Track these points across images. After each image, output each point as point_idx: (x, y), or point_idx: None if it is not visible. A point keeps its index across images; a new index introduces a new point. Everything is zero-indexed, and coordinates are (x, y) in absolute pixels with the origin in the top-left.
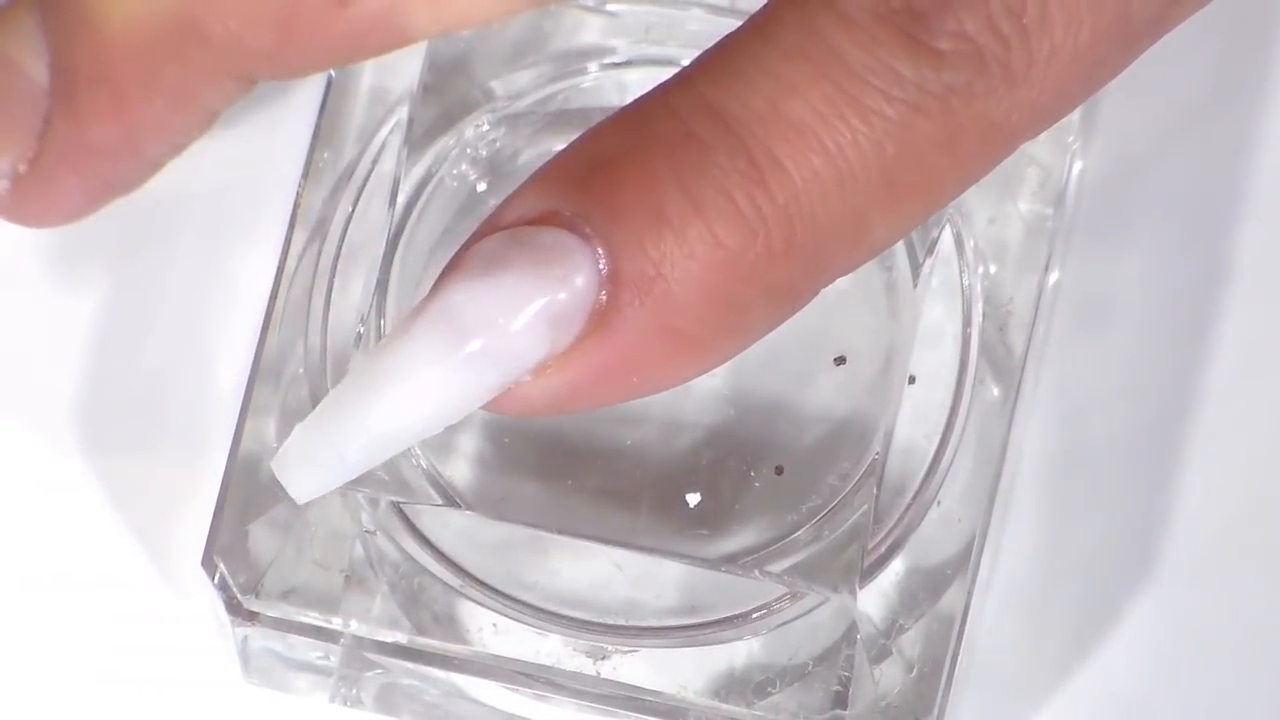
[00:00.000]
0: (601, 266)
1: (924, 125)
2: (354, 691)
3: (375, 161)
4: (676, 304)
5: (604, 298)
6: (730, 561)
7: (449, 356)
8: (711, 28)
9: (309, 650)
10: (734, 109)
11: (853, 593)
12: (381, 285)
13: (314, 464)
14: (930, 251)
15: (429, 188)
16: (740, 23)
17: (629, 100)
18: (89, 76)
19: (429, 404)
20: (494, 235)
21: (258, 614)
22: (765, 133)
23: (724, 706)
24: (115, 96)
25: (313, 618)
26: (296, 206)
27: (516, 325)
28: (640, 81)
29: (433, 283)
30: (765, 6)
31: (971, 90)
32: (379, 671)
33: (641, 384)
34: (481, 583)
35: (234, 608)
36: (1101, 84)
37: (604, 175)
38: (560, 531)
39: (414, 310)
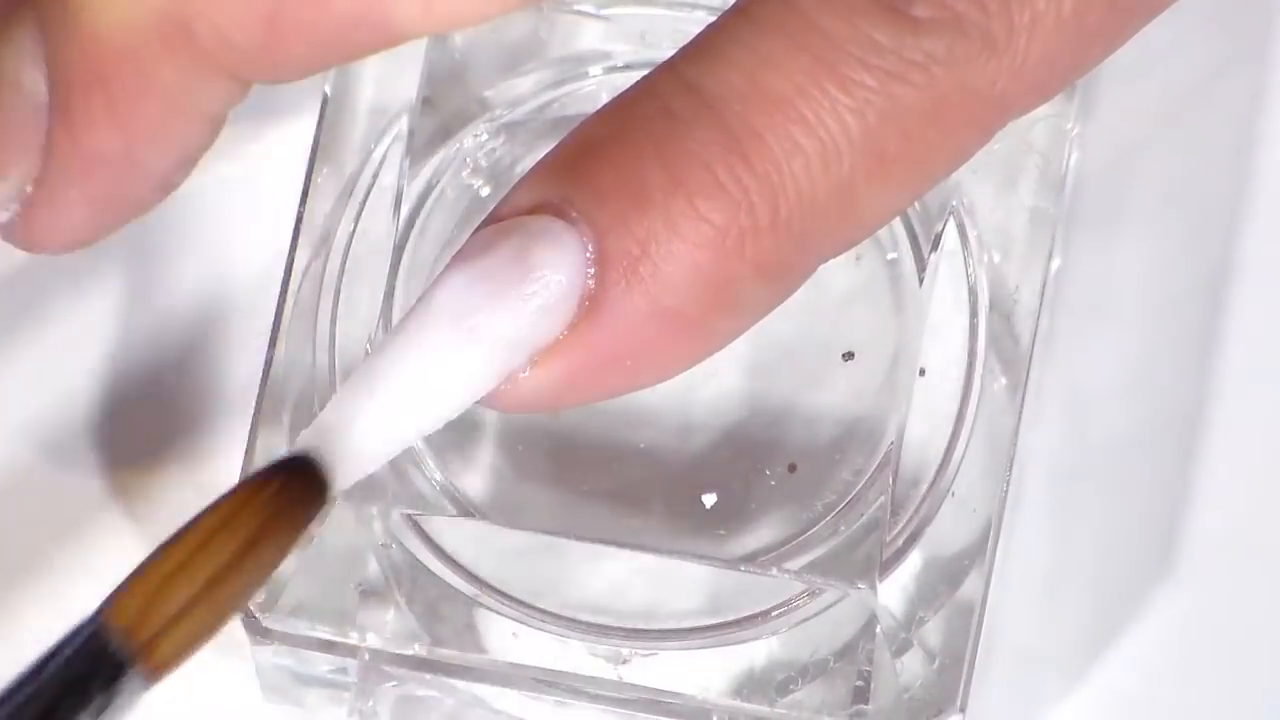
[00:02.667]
0: (588, 249)
1: (906, 93)
2: (371, 705)
3: (376, 175)
4: (664, 282)
5: (592, 281)
6: (748, 560)
7: (442, 347)
8: None
9: (326, 665)
10: (712, 86)
11: (872, 587)
12: (388, 297)
13: None
14: (935, 246)
15: (431, 199)
16: None
17: None
18: (82, 81)
19: (427, 397)
20: (487, 228)
21: (275, 631)
22: (743, 106)
23: (747, 706)
24: (109, 100)
25: (329, 633)
26: (299, 222)
27: (505, 310)
28: None
29: None
30: None
31: (952, 57)
32: (394, 684)
33: (638, 370)
34: (499, 591)
35: (252, 626)
36: (1095, 58)
37: (588, 160)
38: (577, 537)
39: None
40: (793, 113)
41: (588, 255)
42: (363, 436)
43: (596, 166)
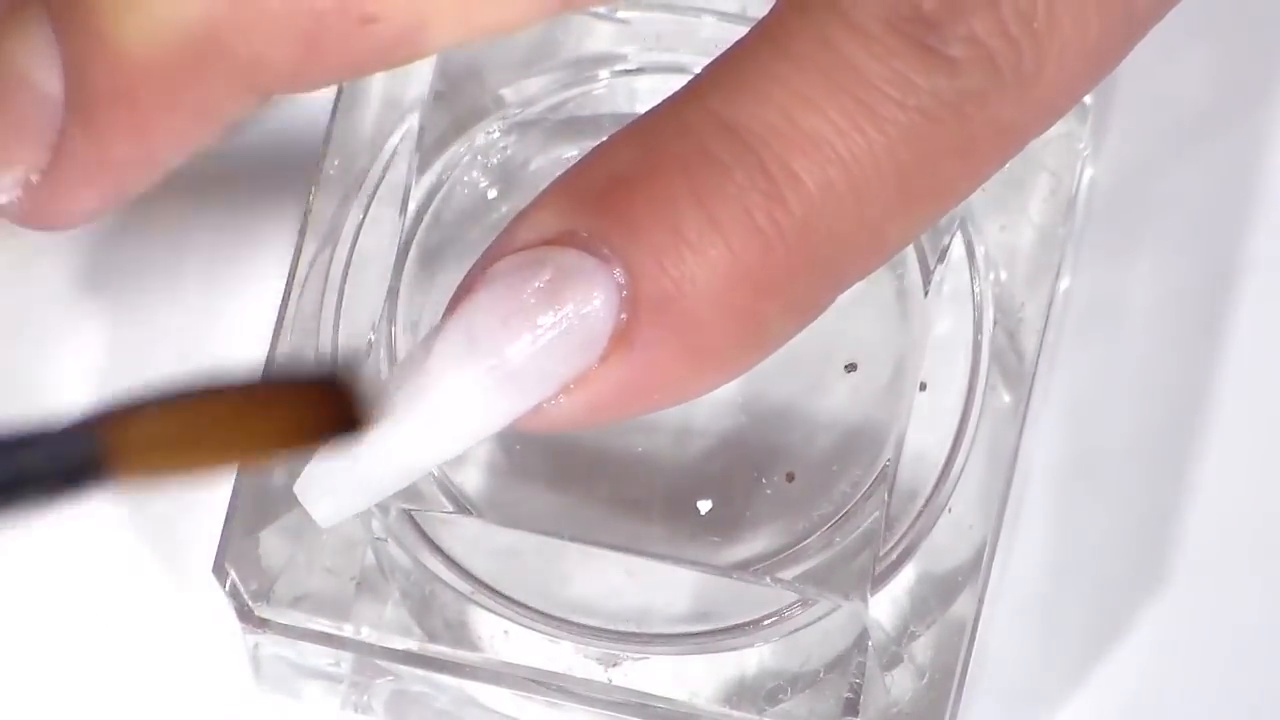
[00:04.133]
0: (621, 288)
1: (939, 133)
2: (365, 698)
3: (386, 169)
4: (697, 322)
5: (624, 318)
6: (741, 568)
7: (472, 382)
8: (723, 34)
9: (320, 657)
10: (749, 123)
11: (864, 600)
12: (392, 293)
13: (337, 491)
14: (941, 259)
15: (440, 195)
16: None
17: (640, 108)
18: (109, 97)
19: (452, 429)
20: (513, 256)
21: (269, 621)
22: (782, 147)
23: (735, 714)
24: (136, 115)
25: (323, 625)
26: (307, 214)
27: (539, 351)
28: (652, 89)
29: (449, 295)
30: (772, 14)
31: (985, 97)
32: (389, 679)
33: (662, 399)
34: (492, 590)
35: (245, 615)
36: (1106, 75)
37: (620, 194)
38: (571, 538)
39: (433, 332)
40: (830, 153)
41: (621, 294)
42: (377, 459)
43: (630, 202)
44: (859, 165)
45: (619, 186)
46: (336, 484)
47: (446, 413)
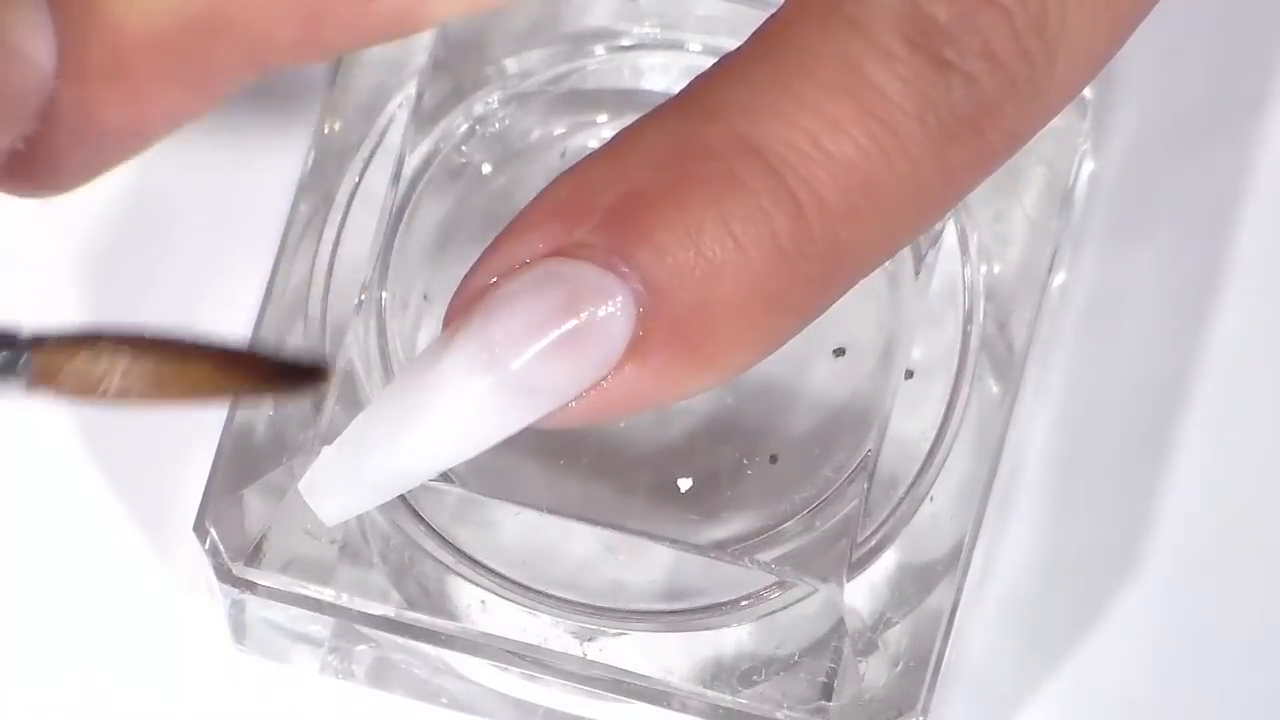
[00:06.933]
0: (639, 304)
1: (957, 148)
2: (346, 664)
3: (383, 134)
4: (715, 339)
5: (642, 334)
6: (720, 548)
7: (487, 393)
8: (722, 12)
9: (298, 620)
10: (775, 147)
11: (840, 585)
12: (383, 258)
13: (343, 492)
14: (933, 244)
15: (435, 163)
16: (749, 9)
17: (640, 83)
18: (104, 72)
19: (463, 437)
20: (531, 270)
21: (248, 580)
22: (809, 172)
23: (709, 693)
24: (131, 91)
25: (304, 588)
26: (303, 175)
27: (555, 366)
28: (651, 65)
29: (440, 263)
30: (788, 25)
31: (1000, 108)
32: (371, 645)
33: (666, 400)
34: (471, 559)
35: (224, 574)
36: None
37: (642, 213)
38: (550, 511)
39: (445, 336)
40: (858, 178)
41: (639, 309)
42: (387, 461)
43: (653, 221)
44: (882, 187)
45: (640, 204)
46: (344, 484)
47: (459, 421)
